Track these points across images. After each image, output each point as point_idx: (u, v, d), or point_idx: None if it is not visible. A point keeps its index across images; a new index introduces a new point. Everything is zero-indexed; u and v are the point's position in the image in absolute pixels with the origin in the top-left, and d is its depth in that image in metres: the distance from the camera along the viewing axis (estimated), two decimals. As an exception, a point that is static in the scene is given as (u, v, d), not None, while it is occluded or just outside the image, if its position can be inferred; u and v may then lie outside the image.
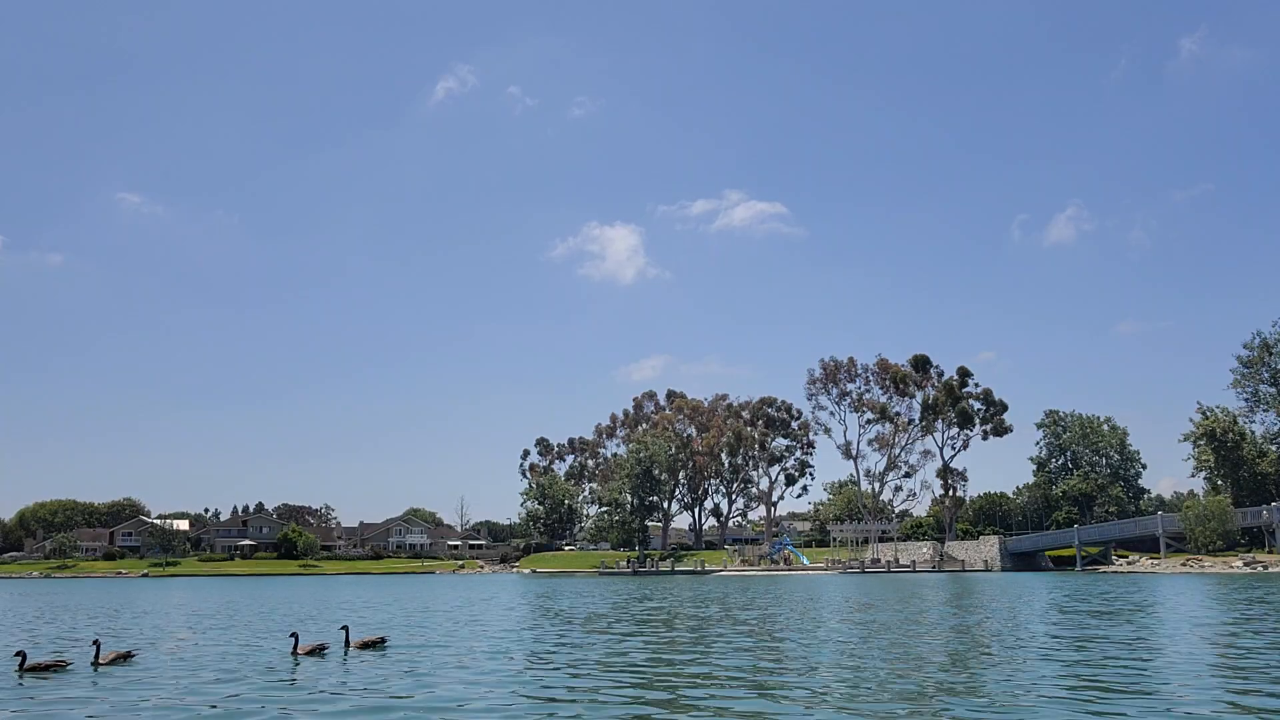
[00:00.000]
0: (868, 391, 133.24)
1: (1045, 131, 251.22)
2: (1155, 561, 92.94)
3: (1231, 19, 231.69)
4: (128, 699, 14.45)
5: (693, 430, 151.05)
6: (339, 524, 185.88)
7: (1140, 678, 15.52)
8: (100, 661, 18.71)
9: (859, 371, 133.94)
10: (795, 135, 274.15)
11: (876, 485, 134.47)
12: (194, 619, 34.79)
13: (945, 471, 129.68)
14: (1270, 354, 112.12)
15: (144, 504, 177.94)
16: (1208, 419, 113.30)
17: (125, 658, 19.29)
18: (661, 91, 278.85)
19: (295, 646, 20.15)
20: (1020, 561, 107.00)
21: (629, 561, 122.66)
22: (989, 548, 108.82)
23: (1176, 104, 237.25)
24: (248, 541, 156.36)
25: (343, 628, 21.81)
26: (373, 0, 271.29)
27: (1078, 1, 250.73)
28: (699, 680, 15.78)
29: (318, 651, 20.14)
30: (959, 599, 43.06)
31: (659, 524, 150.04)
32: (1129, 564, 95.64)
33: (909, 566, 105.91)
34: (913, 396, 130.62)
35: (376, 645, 21.23)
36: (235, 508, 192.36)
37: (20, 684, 16.13)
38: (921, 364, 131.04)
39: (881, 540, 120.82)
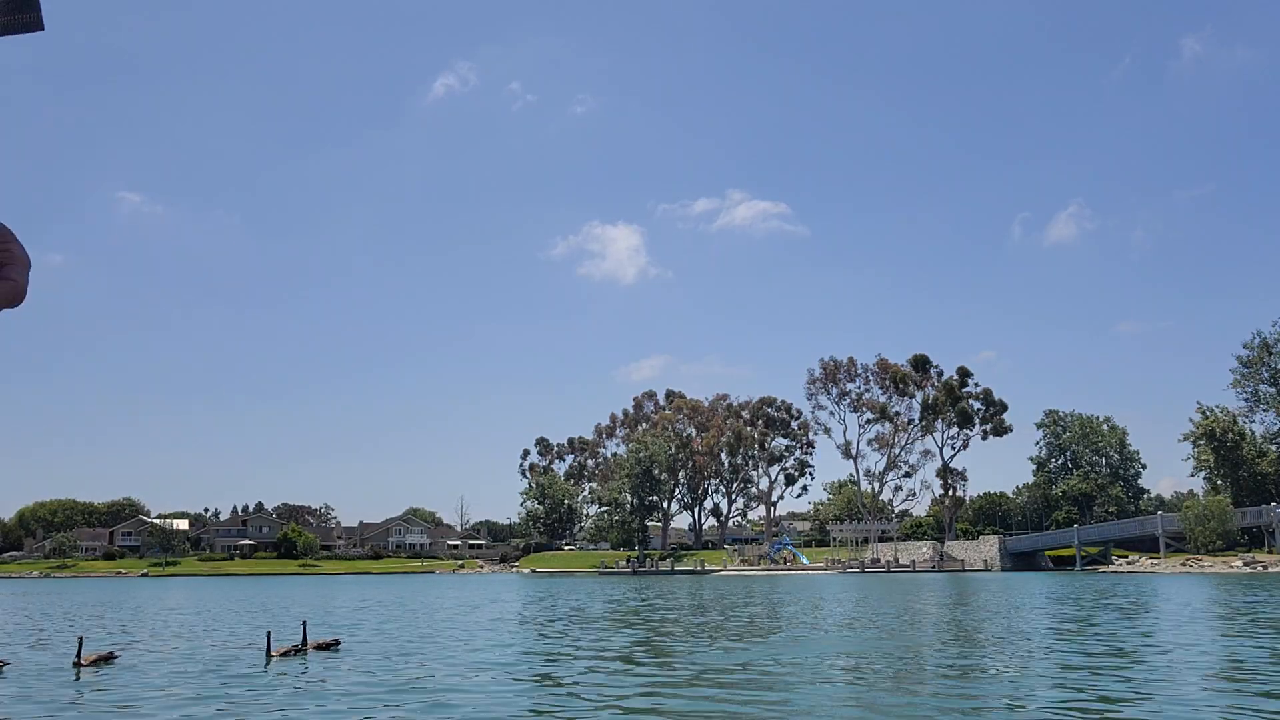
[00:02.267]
0: (867, 391, 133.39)
1: (1046, 130, 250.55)
2: (1155, 561, 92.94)
3: (1234, 19, 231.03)
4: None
5: (692, 430, 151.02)
6: (339, 524, 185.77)
7: (1139, 680, 15.51)
8: (81, 662, 18.34)
9: (859, 371, 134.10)
10: (795, 135, 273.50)
11: (876, 485, 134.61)
12: (188, 619, 34.75)
13: (945, 471, 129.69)
14: (1270, 354, 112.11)
15: (144, 504, 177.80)
16: (1208, 419, 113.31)
17: (107, 659, 18.94)
18: (662, 91, 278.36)
19: (269, 648, 19.91)
20: (1020, 561, 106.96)
21: (628, 561, 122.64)
22: (989, 548, 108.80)
23: (1178, 104, 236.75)
24: (247, 541, 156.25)
25: (302, 623, 21.69)
26: None
27: (1079, 1, 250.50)
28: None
29: (291, 653, 19.88)
30: (965, 601, 43.03)
31: (659, 524, 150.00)
32: (1129, 564, 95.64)
33: (909, 566, 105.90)
34: (912, 396, 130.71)
35: (330, 647, 21.09)
36: (235, 507, 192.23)
37: None
38: (921, 364, 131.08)
39: (881, 540, 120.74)
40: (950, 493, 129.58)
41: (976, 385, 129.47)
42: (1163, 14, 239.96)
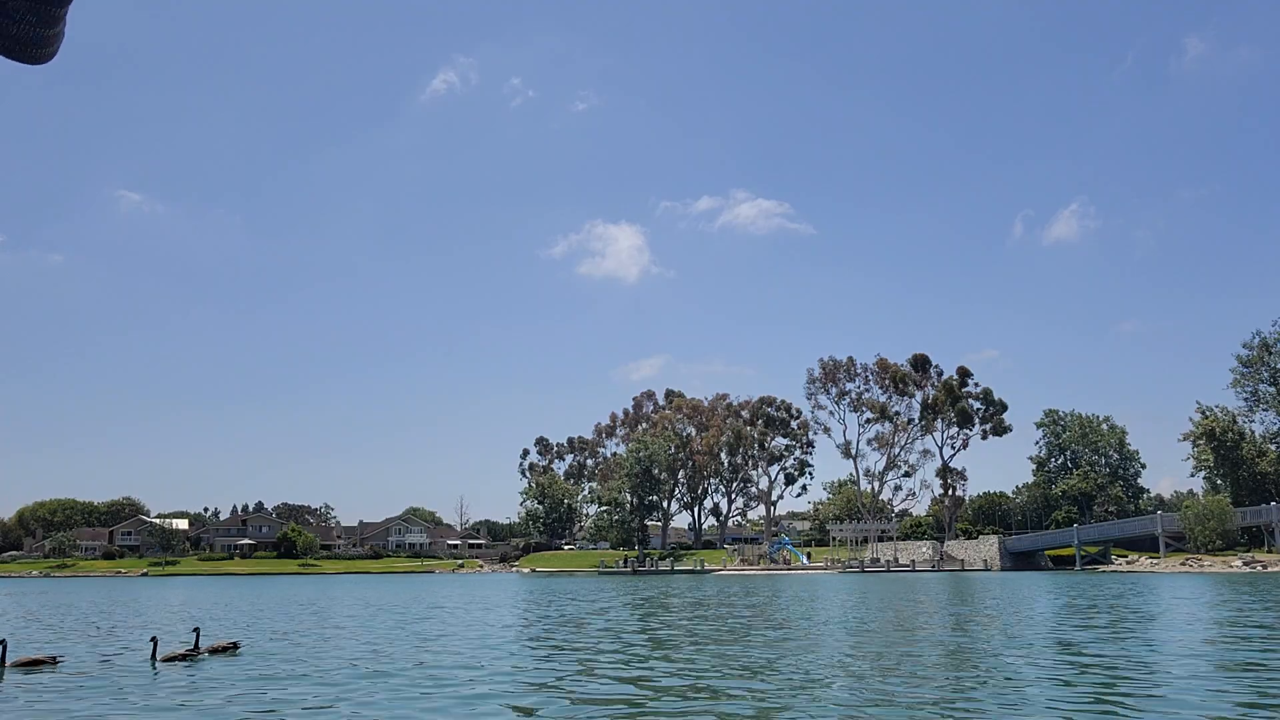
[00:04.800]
0: (867, 391, 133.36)
1: (1048, 130, 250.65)
2: (1154, 561, 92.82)
3: (1237, 18, 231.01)
4: None
5: (692, 430, 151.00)
6: (338, 523, 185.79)
7: (1139, 680, 15.39)
8: (7, 663, 17.33)
9: (858, 371, 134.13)
10: (798, 134, 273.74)
11: (876, 485, 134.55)
12: (155, 619, 34.57)
13: (945, 471, 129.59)
14: (1270, 354, 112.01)
15: (143, 503, 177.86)
16: (1207, 419, 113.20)
17: (47, 662, 17.81)
18: (664, 88, 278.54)
19: (154, 653, 18.73)
20: (1019, 561, 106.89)
21: (627, 561, 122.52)
22: (988, 547, 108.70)
23: (1181, 103, 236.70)
24: (247, 541, 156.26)
25: (194, 630, 20.03)
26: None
27: (1081, 1, 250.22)
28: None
29: (178, 659, 18.39)
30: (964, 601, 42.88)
31: (658, 523, 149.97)
32: (1128, 563, 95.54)
33: (908, 566, 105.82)
34: (912, 396, 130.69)
35: (227, 650, 19.90)
36: (235, 507, 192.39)
37: None
38: (921, 363, 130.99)
39: (881, 540, 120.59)
40: (950, 492, 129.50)
41: (976, 385, 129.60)
42: (1165, 13, 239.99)
